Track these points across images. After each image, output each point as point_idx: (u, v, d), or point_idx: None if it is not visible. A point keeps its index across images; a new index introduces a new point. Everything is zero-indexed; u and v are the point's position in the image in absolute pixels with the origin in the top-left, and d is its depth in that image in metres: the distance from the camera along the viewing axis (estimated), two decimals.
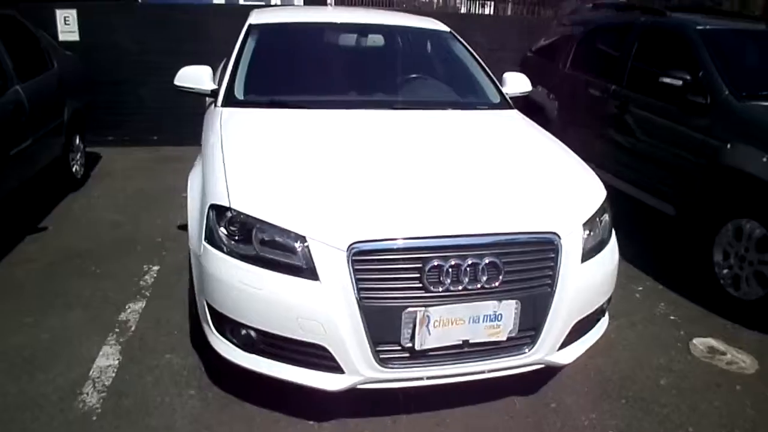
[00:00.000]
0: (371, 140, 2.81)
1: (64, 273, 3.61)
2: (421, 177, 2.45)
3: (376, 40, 3.76)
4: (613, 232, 2.64)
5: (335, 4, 11.56)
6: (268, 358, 2.22)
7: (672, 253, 4.21)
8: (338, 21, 3.78)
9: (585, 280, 2.35)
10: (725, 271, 3.49)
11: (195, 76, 3.31)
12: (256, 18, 3.69)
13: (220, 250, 2.23)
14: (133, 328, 3.03)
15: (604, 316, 2.66)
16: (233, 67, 3.31)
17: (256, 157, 2.55)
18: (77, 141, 5.18)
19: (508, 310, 2.20)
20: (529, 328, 2.27)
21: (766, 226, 3.20)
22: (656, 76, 3.99)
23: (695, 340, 3.17)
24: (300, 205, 2.21)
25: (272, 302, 2.12)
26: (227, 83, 3.22)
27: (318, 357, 2.15)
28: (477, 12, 13.55)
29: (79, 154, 5.22)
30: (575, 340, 2.46)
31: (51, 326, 3.01)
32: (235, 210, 2.22)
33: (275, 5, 8.50)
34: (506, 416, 2.50)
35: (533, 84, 3.82)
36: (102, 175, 5.68)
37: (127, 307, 3.24)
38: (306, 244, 2.10)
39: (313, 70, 3.48)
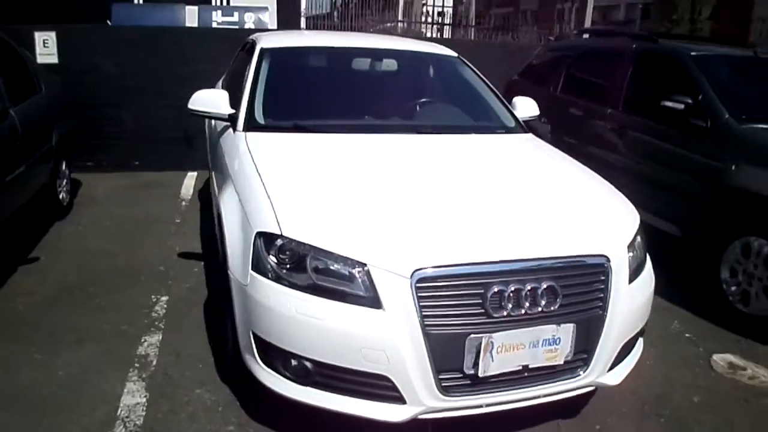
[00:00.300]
0: (405, 165, 2.80)
1: (67, 306, 3.43)
2: (467, 202, 2.44)
3: (389, 64, 3.77)
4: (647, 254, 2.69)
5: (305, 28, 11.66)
6: (324, 390, 2.15)
7: (679, 272, 4.31)
8: (349, 45, 3.78)
9: (632, 302, 2.38)
10: (733, 288, 3.60)
11: (211, 101, 3.24)
12: (266, 42, 3.65)
13: (272, 279, 2.16)
14: (154, 363, 2.89)
15: (642, 336, 2.69)
16: (251, 91, 3.26)
17: (297, 182, 2.50)
18: (63, 167, 4.98)
19: (566, 333, 2.20)
20: (583, 350, 2.27)
21: None
22: (654, 100, 4.13)
23: (715, 356, 3.24)
24: (356, 232, 2.16)
25: (334, 332, 2.06)
26: (246, 107, 3.17)
27: (379, 387, 2.09)
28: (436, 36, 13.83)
29: (65, 181, 5.02)
30: (621, 360, 2.47)
31: (65, 363, 2.84)
32: (287, 237, 2.16)
33: (250, 29, 8.47)
34: None
35: None
36: (85, 202, 5.46)
37: (143, 340, 3.09)
38: (367, 271, 2.05)
39: (331, 95, 3.46)
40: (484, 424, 2.40)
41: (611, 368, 2.40)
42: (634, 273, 2.45)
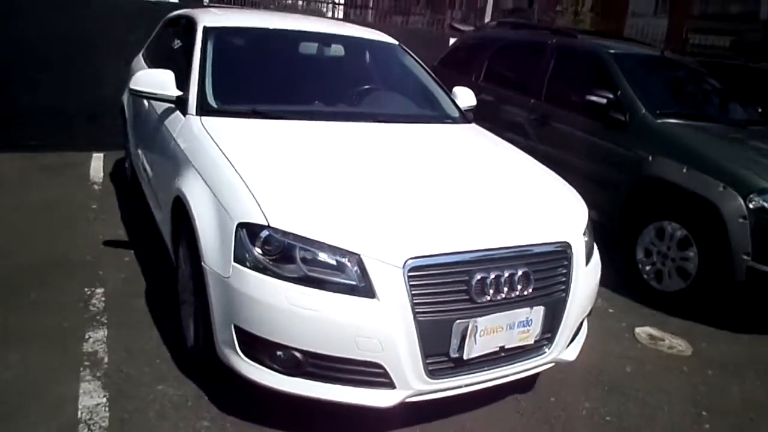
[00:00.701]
0: (371, 154, 2.82)
1: None
2: (440, 193, 2.52)
3: (337, 50, 3.74)
4: None
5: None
6: (313, 380, 2.15)
7: (600, 255, 4.68)
8: (296, 29, 3.69)
9: (587, 284, 2.60)
10: (648, 267, 4.00)
11: (158, 81, 3.06)
12: (209, 21, 3.48)
13: (259, 270, 2.12)
14: (105, 360, 2.72)
15: (590, 315, 2.94)
16: (200, 73, 3.11)
17: (271, 170, 2.44)
18: None
19: (537, 315, 2.36)
20: (548, 330, 2.45)
21: (686, 227, 3.72)
22: (575, 92, 4.45)
23: (637, 330, 3.60)
24: (345, 222, 2.17)
25: (328, 322, 2.06)
26: (198, 90, 3.02)
27: (369, 375, 2.14)
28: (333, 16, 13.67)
29: None
30: (575, 337, 2.69)
31: (7, 365, 2.60)
32: (274, 228, 2.12)
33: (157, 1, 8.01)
34: (517, 414, 2.66)
35: None
36: None
37: (87, 336, 2.89)
38: (360, 261, 2.08)
39: (283, 79, 3.38)
40: (450, 405, 2.51)
41: (568, 345, 2.61)
42: (588, 256, 2.66)
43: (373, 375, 2.13)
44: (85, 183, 5.27)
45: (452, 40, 7.37)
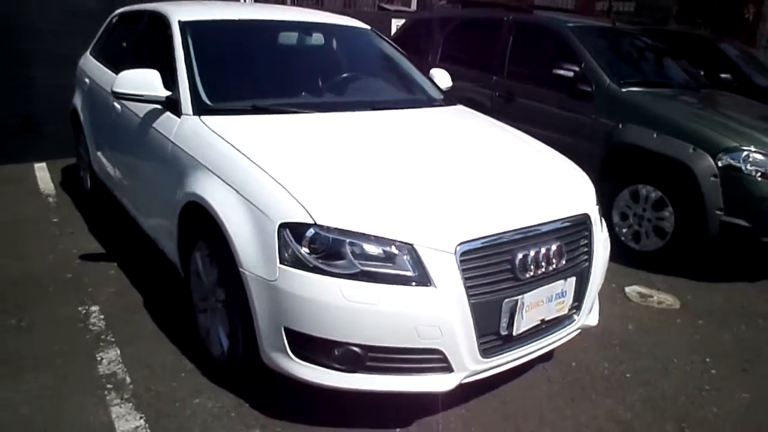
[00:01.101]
0: (382, 143, 2.79)
1: None
2: (464, 177, 2.55)
3: (317, 38, 3.65)
4: None
5: None
6: (372, 373, 2.15)
7: None
8: (272, 18, 3.58)
9: (604, 250, 2.73)
10: (625, 230, 4.22)
11: (143, 82, 2.89)
12: (182, 15, 3.30)
13: (310, 270, 2.07)
14: (128, 380, 2.58)
15: None
16: (187, 70, 2.96)
17: (297, 166, 2.38)
18: None
19: (570, 286, 2.45)
20: (576, 299, 2.56)
21: (660, 189, 3.95)
22: (538, 67, 4.58)
23: (627, 289, 3.81)
24: (391, 213, 2.16)
25: (388, 315, 2.06)
26: (189, 89, 2.88)
27: (429, 361, 2.16)
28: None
29: None
30: (593, 304, 2.82)
31: (22, 398, 2.42)
32: (321, 225, 2.09)
33: None
34: (548, 381, 2.77)
35: None
36: None
37: (99, 357, 2.73)
38: (414, 250, 2.08)
39: (271, 72, 3.28)
40: (487, 381, 2.57)
41: (590, 311, 2.74)
42: (600, 224, 2.79)
43: (432, 361, 2.16)
44: (37, 197, 4.92)
45: (396, 21, 7.37)
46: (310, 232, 2.09)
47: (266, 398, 2.47)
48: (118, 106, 3.51)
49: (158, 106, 2.98)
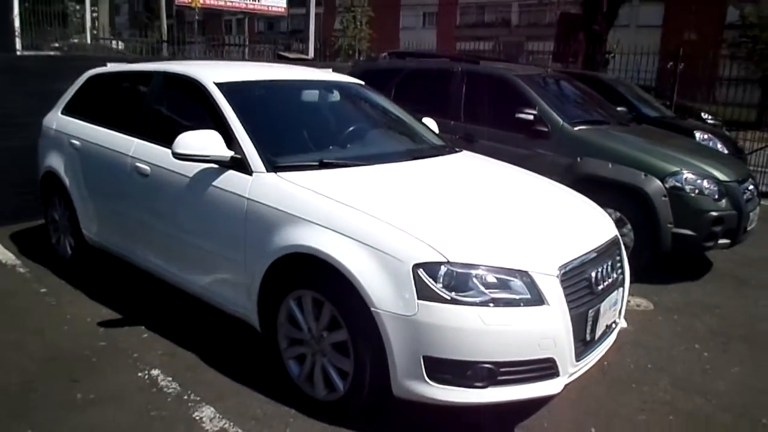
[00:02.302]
0: (448, 187, 3.19)
1: (47, 414, 2.76)
2: (526, 212, 3.01)
3: (335, 95, 3.95)
4: None
5: None
6: (499, 386, 2.47)
7: None
8: (293, 78, 3.83)
9: (627, 264, 3.30)
10: None
11: (207, 143, 3.01)
12: (215, 77, 3.46)
13: (445, 302, 2.38)
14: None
15: None
16: (245, 130, 3.13)
17: (403, 212, 2.67)
18: None
19: (620, 294, 2.98)
20: (619, 306, 3.08)
21: (620, 210, 4.67)
22: (491, 111, 5.24)
23: None
24: (503, 246, 2.55)
25: (517, 333, 2.43)
26: (255, 148, 3.05)
27: (542, 369, 2.53)
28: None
29: None
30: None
31: None
32: (452, 262, 2.41)
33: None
34: (595, 380, 3.23)
35: None
36: None
37: (196, 417, 2.76)
38: (529, 276, 2.47)
39: (312, 128, 3.53)
40: None
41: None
42: None
43: (545, 369, 2.53)
44: (1, 269, 4.58)
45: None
46: (444, 268, 2.41)
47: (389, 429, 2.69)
48: (144, 167, 3.53)
49: (215, 166, 3.11)
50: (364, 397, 2.62)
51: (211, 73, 3.53)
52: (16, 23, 10.44)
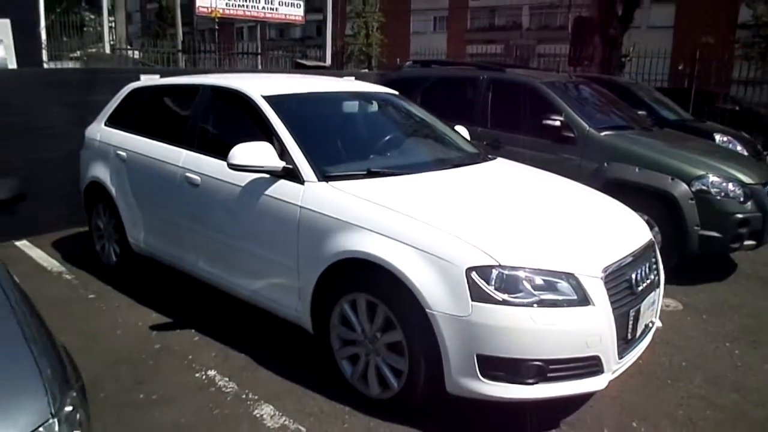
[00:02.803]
0: (492, 194, 3.34)
1: (118, 413, 2.93)
2: (567, 217, 3.15)
3: (373, 105, 4.11)
4: None
5: None
6: (549, 383, 2.61)
7: None
8: (332, 90, 3.99)
9: (661, 266, 3.42)
10: None
11: (260, 155, 3.17)
12: (262, 90, 3.63)
13: (498, 303, 2.53)
14: (304, 430, 2.81)
15: None
16: (296, 141, 3.29)
17: (454, 218, 2.82)
18: None
19: (656, 295, 3.11)
20: (655, 306, 3.21)
21: (648, 213, 4.74)
22: (519, 118, 5.38)
23: None
24: (550, 249, 2.70)
25: (565, 332, 2.57)
26: (306, 158, 3.21)
27: (588, 366, 2.66)
28: None
29: None
30: None
31: None
32: (503, 266, 2.56)
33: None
34: (633, 377, 3.35)
35: None
36: None
37: (257, 414, 2.92)
38: (576, 278, 2.61)
39: (357, 138, 3.69)
40: None
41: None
42: None
43: (591, 366, 2.67)
44: (49, 275, 4.79)
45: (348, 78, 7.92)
46: (496, 272, 2.55)
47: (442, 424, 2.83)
48: (195, 177, 3.69)
49: (267, 176, 3.27)
50: (418, 394, 2.77)
51: (258, 87, 3.70)
52: (43, 36, 10.70)
